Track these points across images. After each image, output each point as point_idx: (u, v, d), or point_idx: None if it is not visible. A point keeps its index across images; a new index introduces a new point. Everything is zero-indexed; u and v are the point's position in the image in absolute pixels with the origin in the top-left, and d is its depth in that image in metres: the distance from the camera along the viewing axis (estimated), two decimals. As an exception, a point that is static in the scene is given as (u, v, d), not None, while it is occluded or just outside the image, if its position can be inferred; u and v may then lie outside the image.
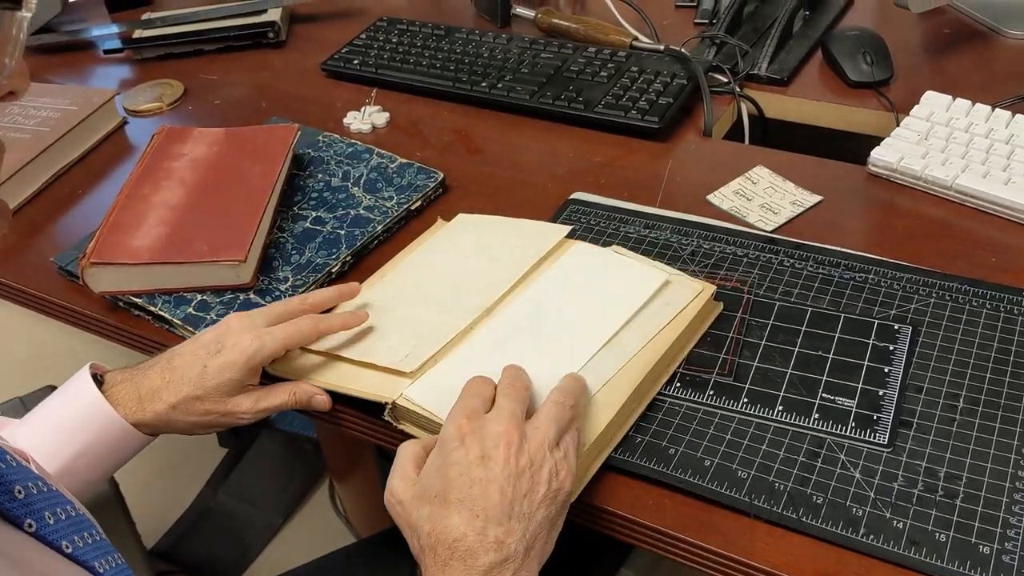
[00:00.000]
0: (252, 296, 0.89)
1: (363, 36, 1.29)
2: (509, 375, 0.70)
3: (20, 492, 0.53)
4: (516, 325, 0.79)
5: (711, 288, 0.81)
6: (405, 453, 0.66)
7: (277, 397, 0.77)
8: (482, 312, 0.80)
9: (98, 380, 0.78)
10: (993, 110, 0.98)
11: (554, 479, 0.64)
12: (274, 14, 1.35)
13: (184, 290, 0.90)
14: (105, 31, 1.40)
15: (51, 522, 0.54)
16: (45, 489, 0.56)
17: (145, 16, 1.39)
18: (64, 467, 0.74)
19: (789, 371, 0.77)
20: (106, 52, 1.36)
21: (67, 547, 0.54)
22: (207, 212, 0.94)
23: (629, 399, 0.73)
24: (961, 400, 0.73)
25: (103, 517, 1.42)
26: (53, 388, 1.46)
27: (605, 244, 0.92)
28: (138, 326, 0.91)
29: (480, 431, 0.64)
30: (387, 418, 0.74)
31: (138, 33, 1.35)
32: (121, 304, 0.92)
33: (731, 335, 0.80)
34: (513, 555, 0.61)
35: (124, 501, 1.34)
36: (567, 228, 0.89)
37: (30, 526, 0.53)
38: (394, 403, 0.73)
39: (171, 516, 1.69)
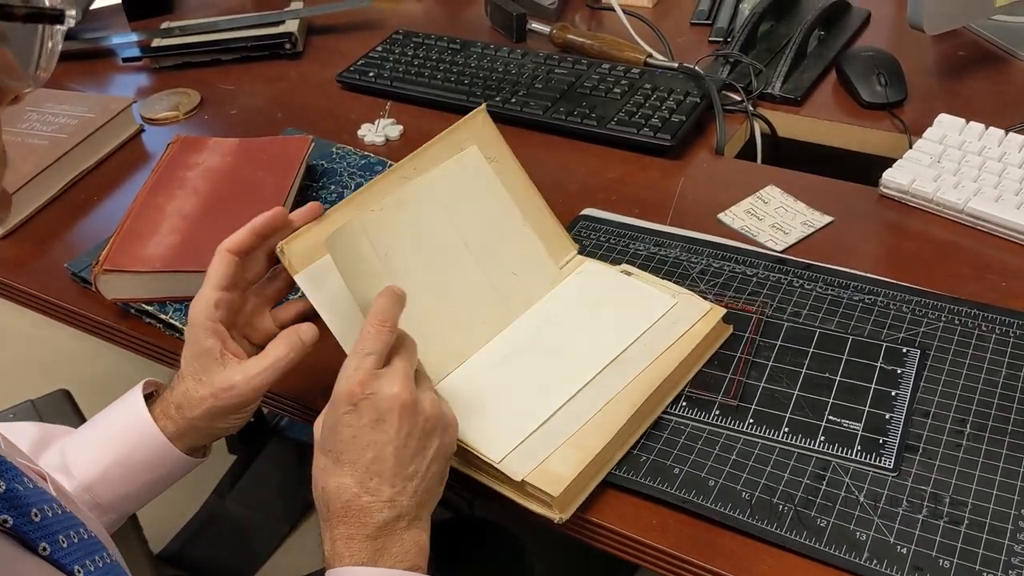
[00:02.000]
0: (262, 306, 0.90)
1: (379, 49, 1.29)
2: (397, 328, 0.68)
3: (36, 515, 0.53)
4: (522, 343, 0.80)
5: (720, 311, 0.81)
6: None
7: (266, 357, 0.72)
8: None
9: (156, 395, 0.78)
10: (1007, 134, 0.97)
11: (445, 434, 0.67)
12: (291, 25, 1.36)
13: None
14: (124, 39, 1.41)
15: (64, 545, 0.54)
16: (60, 511, 0.56)
17: (164, 25, 1.40)
18: (101, 474, 0.74)
19: (796, 392, 0.77)
20: (124, 60, 1.38)
21: (79, 572, 0.54)
22: (220, 221, 0.94)
23: (630, 419, 0.73)
24: (968, 425, 0.72)
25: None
26: (66, 392, 1.48)
27: (615, 261, 0.92)
28: (149, 333, 0.92)
29: (374, 396, 0.64)
30: None
31: (157, 42, 1.36)
32: (132, 311, 0.92)
33: (739, 355, 0.80)
34: (406, 511, 0.64)
35: (132, 506, 1.35)
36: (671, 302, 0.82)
37: (44, 549, 0.53)
38: None
39: (179, 521, 1.69)
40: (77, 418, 1.46)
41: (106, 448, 0.74)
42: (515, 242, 0.83)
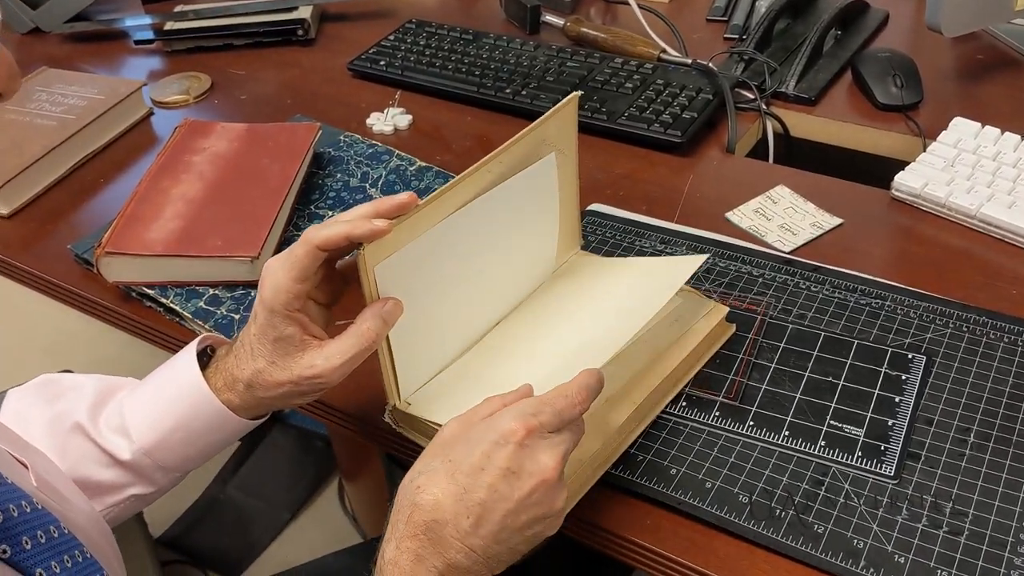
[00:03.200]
0: (263, 293, 0.89)
1: (391, 37, 1.29)
2: (587, 404, 0.64)
3: None
4: (523, 333, 0.79)
5: (723, 309, 0.80)
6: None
7: (348, 337, 0.67)
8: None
9: (208, 354, 0.75)
10: (1023, 140, 0.96)
11: (546, 525, 0.62)
12: (304, 12, 1.35)
13: (197, 284, 0.90)
14: (138, 21, 1.41)
15: (28, 547, 0.53)
16: (30, 509, 0.54)
17: (178, 8, 1.40)
18: (161, 440, 0.72)
19: (798, 396, 0.76)
20: (137, 43, 1.37)
21: (41, 574, 0.53)
22: (224, 207, 0.94)
23: (629, 418, 0.72)
24: (972, 435, 0.71)
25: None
26: (69, 374, 1.48)
27: (620, 257, 0.91)
28: (149, 317, 0.91)
29: (529, 450, 0.60)
30: (387, 420, 0.73)
31: (170, 25, 1.36)
32: (134, 295, 0.92)
33: (742, 356, 0.79)
34: (475, 567, 0.60)
35: (132, 489, 1.35)
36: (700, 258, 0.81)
37: (4, 552, 0.51)
38: (394, 406, 0.72)
39: (180, 506, 1.69)
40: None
41: (166, 414, 0.72)
42: (539, 239, 0.82)
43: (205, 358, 0.74)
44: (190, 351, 0.73)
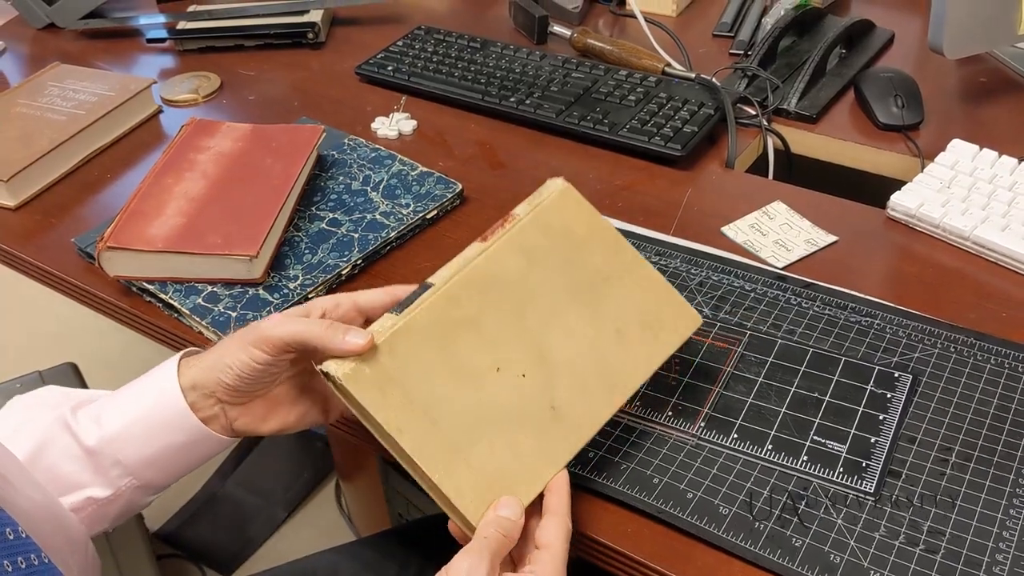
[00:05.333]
0: (261, 292, 0.90)
1: (399, 43, 1.30)
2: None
3: None
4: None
5: (697, 319, 0.78)
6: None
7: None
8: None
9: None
10: (1020, 163, 0.96)
11: None
12: (316, 15, 1.37)
13: (196, 280, 0.91)
14: (151, 20, 1.42)
15: None
16: None
17: (191, 8, 1.42)
18: (122, 429, 0.72)
19: (783, 410, 0.76)
20: (149, 41, 1.39)
21: None
22: (225, 206, 0.95)
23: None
24: (953, 455, 0.72)
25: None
26: (73, 366, 1.49)
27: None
28: (149, 312, 0.93)
29: None
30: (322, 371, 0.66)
31: (182, 24, 1.38)
32: (134, 289, 0.93)
33: (726, 368, 0.80)
34: None
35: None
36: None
37: None
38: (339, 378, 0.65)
39: (178, 500, 1.71)
40: (82, 392, 1.48)
41: (131, 405, 0.73)
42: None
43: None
44: (177, 355, 0.74)
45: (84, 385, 1.49)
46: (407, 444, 0.64)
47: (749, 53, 1.24)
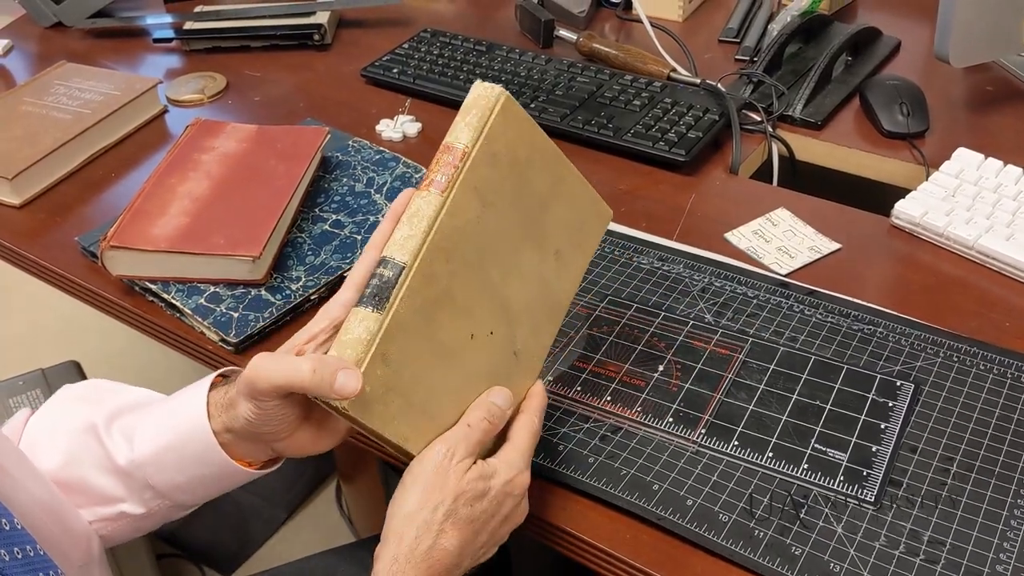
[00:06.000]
0: (263, 292, 0.90)
1: (405, 46, 1.30)
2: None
3: None
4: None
5: (609, 214, 0.80)
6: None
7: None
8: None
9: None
10: (1025, 172, 0.96)
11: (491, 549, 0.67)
12: (322, 17, 1.37)
13: (198, 280, 0.91)
14: (158, 20, 1.43)
15: None
16: None
17: (198, 9, 1.42)
18: (154, 455, 0.70)
19: (784, 418, 0.76)
20: (156, 41, 1.39)
21: None
22: (229, 206, 0.95)
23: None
24: (955, 465, 0.71)
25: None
26: (76, 364, 1.49)
27: (617, 273, 0.92)
28: (151, 311, 0.93)
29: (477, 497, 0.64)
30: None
31: (189, 25, 1.38)
32: (137, 289, 0.94)
33: (728, 375, 0.80)
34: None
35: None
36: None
37: None
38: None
39: (179, 500, 1.71)
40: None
41: (165, 430, 0.70)
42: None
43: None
44: (210, 377, 0.71)
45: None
46: (416, 450, 0.64)
47: (755, 59, 1.24)
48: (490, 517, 0.65)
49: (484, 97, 0.67)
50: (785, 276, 0.91)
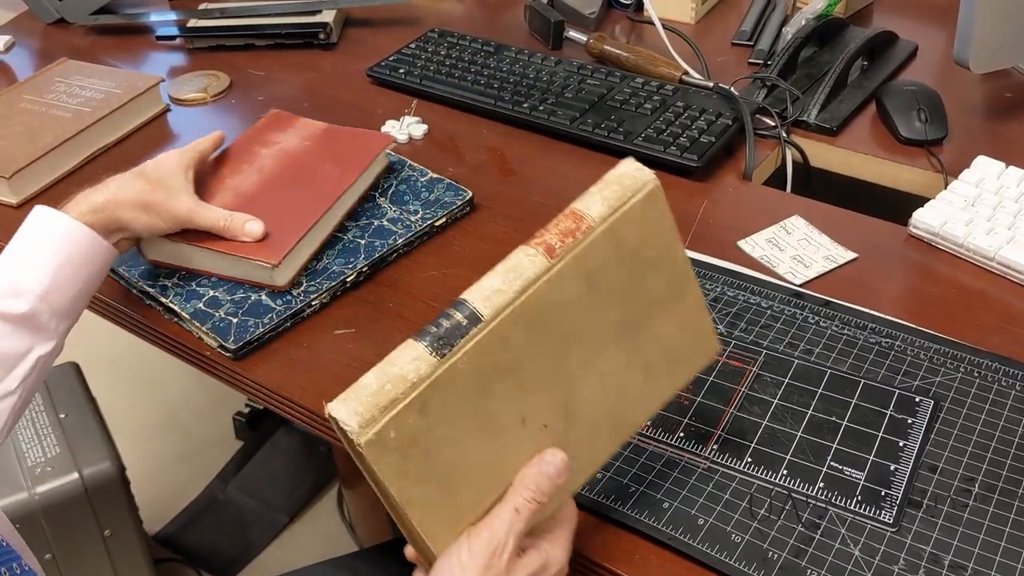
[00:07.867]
0: (264, 297, 0.88)
1: (412, 46, 1.28)
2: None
3: None
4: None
5: (715, 350, 0.73)
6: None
7: (209, 214, 0.87)
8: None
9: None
10: (1047, 182, 0.94)
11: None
12: (328, 16, 1.34)
13: (221, 277, 0.90)
14: (162, 17, 1.41)
15: None
16: None
17: (203, 6, 1.40)
18: (52, 282, 0.77)
19: (799, 434, 0.74)
20: (159, 38, 1.37)
21: None
22: (270, 207, 0.91)
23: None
24: (977, 485, 0.69)
25: (105, 497, 1.42)
26: (75, 365, 1.47)
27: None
28: (148, 316, 0.91)
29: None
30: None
31: (193, 22, 1.36)
32: (135, 292, 0.92)
33: (740, 388, 0.78)
34: None
35: (128, 484, 1.34)
36: None
37: None
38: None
39: (178, 504, 1.69)
40: (83, 391, 1.46)
41: (45, 255, 0.78)
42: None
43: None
44: (46, 208, 0.80)
45: (86, 385, 1.47)
46: (416, 517, 0.57)
47: (769, 63, 1.21)
48: None
49: (631, 176, 0.63)
50: (800, 286, 0.88)
